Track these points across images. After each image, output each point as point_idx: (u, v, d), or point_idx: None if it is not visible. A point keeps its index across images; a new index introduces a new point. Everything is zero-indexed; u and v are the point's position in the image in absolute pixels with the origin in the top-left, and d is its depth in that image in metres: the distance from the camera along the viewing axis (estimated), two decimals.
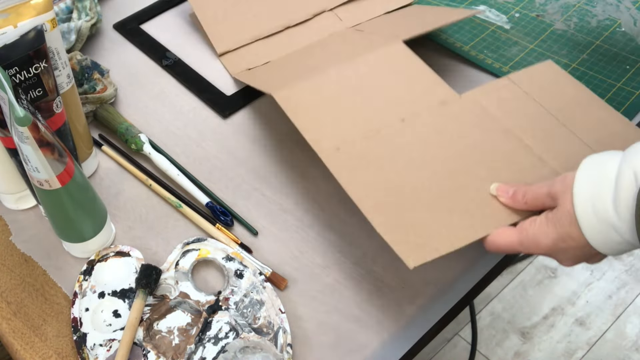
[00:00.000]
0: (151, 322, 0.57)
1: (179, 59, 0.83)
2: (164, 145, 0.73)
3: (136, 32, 0.87)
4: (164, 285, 0.59)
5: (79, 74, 0.75)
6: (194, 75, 0.80)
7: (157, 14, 0.90)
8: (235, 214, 0.66)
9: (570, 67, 0.77)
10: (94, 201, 0.59)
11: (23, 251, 0.64)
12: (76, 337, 0.56)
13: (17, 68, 0.54)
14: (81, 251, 0.62)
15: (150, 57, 0.84)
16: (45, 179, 0.53)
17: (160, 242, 0.64)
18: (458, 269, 0.60)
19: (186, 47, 0.84)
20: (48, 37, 0.57)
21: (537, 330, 1.39)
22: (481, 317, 1.42)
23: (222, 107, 0.76)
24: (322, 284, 0.60)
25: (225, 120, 0.75)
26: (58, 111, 0.59)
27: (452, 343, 1.38)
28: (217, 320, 0.56)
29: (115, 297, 0.58)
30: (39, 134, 0.50)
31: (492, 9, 0.86)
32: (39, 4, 0.56)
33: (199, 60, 0.82)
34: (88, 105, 0.74)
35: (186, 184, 0.67)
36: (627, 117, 0.71)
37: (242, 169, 0.70)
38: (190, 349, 0.55)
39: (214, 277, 0.61)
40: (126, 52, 0.84)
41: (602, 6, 0.85)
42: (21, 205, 0.67)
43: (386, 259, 0.61)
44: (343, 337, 0.56)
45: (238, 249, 0.61)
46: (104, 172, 0.71)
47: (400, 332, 0.57)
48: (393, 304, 0.58)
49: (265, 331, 0.56)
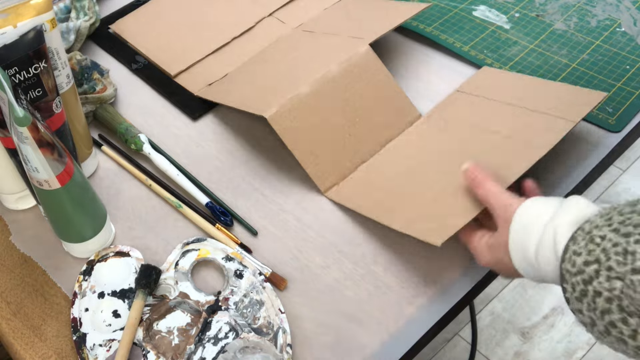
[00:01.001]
0: (151, 322, 0.57)
1: (148, 62, 0.83)
2: (163, 145, 0.73)
3: (105, 36, 0.87)
4: (164, 285, 0.59)
5: (79, 74, 0.75)
6: (164, 78, 0.80)
7: None
8: (235, 214, 0.65)
9: (570, 67, 0.77)
10: (94, 201, 0.59)
11: (23, 251, 0.64)
12: (76, 337, 0.56)
13: (17, 68, 0.54)
14: (81, 251, 0.62)
15: (120, 62, 0.84)
16: (44, 179, 0.53)
17: (160, 242, 0.64)
18: (458, 269, 0.60)
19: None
20: (48, 37, 0.57)
21: (537, 330, 1.39)
22: (481, 317, 1.42)
23: (192, 109, 0.76)
24: (322, 284, 0.60)
25: (194, 121, 0.75)
26: (58, 111, 0.59)
27: (452, 343, 1.38)
28: (217, 321, 0.56)
29: (115, 297, 0.58)
30: (39, 134, 0.50)
31: (492, 9, 0.86)
32: (39, 4, 0.56)
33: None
34: (88, 105, 0.74)
35: (186, 184, 0.67)
36: (627, 117, 0.71)
37: (242, 169, 0.70)
38: (190, 349, 0.54)
39: (214, 277, 0.61)
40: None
41: (602, 6, 0.85)
42: (21, 205, 0.67)
43: (386, 259, 0.61)
44: (343, 337, 0.56)
45: (238, 249, 0.61)
46: (104, 172, 0.71)
47: (400, 332, 0.57)
48: (393, 304, 0.58)
49: (265, 331, 0.56)
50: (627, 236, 0.40)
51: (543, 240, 0.47)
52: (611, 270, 0.40)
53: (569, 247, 0.44)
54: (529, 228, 0.49)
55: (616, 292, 0.40)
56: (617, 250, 0.40)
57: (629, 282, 0.39)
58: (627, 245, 0.40)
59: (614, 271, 0.40)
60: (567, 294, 0.44)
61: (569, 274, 0.44)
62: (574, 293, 0.43)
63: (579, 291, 0.43)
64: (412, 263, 0.61)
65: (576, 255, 0.43)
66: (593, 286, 0.41)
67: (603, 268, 0.41)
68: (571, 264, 0.43)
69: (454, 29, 0.83)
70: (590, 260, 0.42)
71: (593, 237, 0.42)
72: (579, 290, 0.43)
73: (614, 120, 0.71)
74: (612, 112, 0.72)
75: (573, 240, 0.44)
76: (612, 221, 0.42)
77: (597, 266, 0.41)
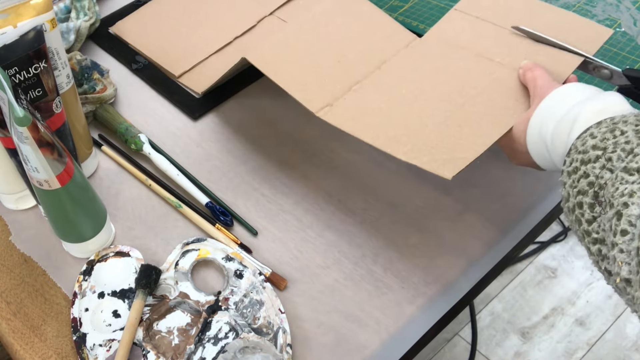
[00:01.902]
0: (151, 322, 0.57)
1: (149, 62, 0.83)
2: (163, 145, 0.73)
3: (105, 37, 0.87)
4: (164, 285, 0.59)
5: (79, 74, 0.75)
6: (164, 78, 0.80)
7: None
8: (235, 214, 0.65)
9: None
10: (94, 201, 0.59)
11: (23, 251, 0.64)
12: (76, 337, 0.56)
13: (17, 68, 0.54)
14: (81, 251, 0.62)
15: (120, 62, 0.83)
16: (44, 179, 0.53)
17: (159, 242, 0.64)
18: (458, 269, 0.60)
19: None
20: (48, 37, 0.57)
21: (537, 330, 1.38)
22: (481, 317, 1.42)
23: (192, 109, 0.76)
24: (322, 284, 0.60)
25: (194, 121, 0.75)
26: (58, 111, 0.59)
27: (452, 343, 1.38)
28: (217, 321, 0.56)
29: (114, 297, 0.58)
30: (39, 134, 0.50)
31: None
32: (39, 4, 0.56)
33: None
34: (88, 105, 0.74)
35: (186, 184, 0.67)
36: None
37: (242, 169, 0.70)
38: (189, 349, 0.54)
39: (214, 277, 0.61)
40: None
41: (602, 6, 0.85)
42: (21, 205, 0.67)
43: (386, 259, 0.61)
44: (343, 337, 0.56)
45: (238, 249, 0.61)
46: (104, 172, 0.71)
47: (400, 332, 0.57)
48: (393, 304, 0.58)
49: (265, 331, 0.56)
50: None
51: (565, 117, 0.48)
52: (609, 162, 0.42)
53: (591, 128, 0.45)
54: (557, 106, 0.50)
55: (601, 180, 0.42)
56: (626, 147, 0.42)
57: (615, 177, 0.41)
58: (636, 146, 0.41)
59: (610, 162, 0.42)
60: (563, 166, 0.46)
61: (575, 149, 0.45)
62: (568, 167, 0.45)
63: (572, 167, 0.45)
64: (412, 263, 0.61)
65: (591, 137, 0.44)
66: (586, 168, 0.43)
67: (604, 157, 0.42)
68: (582, 142, 0.45)
69: None
70: (599, 146, 0.43)
71: (615, 128, 0.43)
72: (573, 166, 0.45)
73: None
74: None
75: (598, 124, 0.45)
76: None
77: (600, 152, 0.43)
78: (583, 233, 0.43)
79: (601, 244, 0.41)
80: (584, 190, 0.43)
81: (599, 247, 0.41)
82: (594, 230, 0.42)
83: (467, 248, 0.62)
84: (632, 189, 0.39)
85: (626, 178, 0.40)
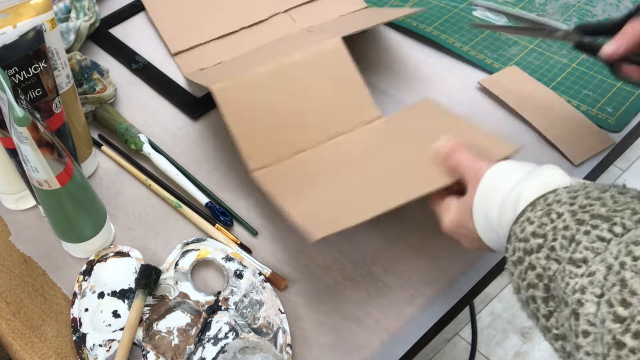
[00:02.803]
0: (151, 322, 0.57)
1: (149, 62, 0.83)
2: (163, 145, 0.73)
3: (105, 37, 0.87)
4: (164, 285, 0.59)
5: (79, 74, 0.75)
6: (164, 78, 0.80)
7: (126, 19, 0.90)
8: (234, 214, 0.65)
9: (570, 67, 0.77)
10: (94, 201, 0.59)
11: (22, 251, 0.63)
12: (75, 338, 0.56)
13: (17, 68, 0.54)
14: (81, 251, 0.62)
15: (120, 62, 0.84)
16: (44, 179, 0.53)
17: (159, 242, 0.64)
18: (458, 269, 0.60)
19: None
20: (47, 37, 0.57)
21: (537, 331, 1.39)
22: (481, 317, 1.42)
23: (192, 109, 0.76)
24: (322, 284, 0.60)
25: (194, 121, 0.75)
26: (57, 111, 0.59)
27: (452, 343, 1.38)
28: (217, 321, 0.56)
29: (114, 297, 0.58)
30: (38, 134, 0.50)
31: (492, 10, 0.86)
32: (39, 4, 0.56)
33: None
34: (87, 105, 0.74)
35: (186, 184, 0.67)
36: (627, 117, 0.71)
37: (241, 169, 0.70)
38: (189, 349, 0.54)
39: (214, 277, 0.61)
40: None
41: (602, 6, 0.85)
42: (21, 205, 0.67)
43: (386, 259, 0.61)
44: (343, 337, 0.56)
45: (237, 249, 0.61)
46: (104, 172, 0.71)
47: (400, 332, 0.57)
48: (393, 304, 0.58)
49: (265, 331, 0.56)
50: (580, 224, 0.39)
51: (507, 200, 0.45)
52: (553, 251, 0.39)
53: (526, 211, 0.43)
54: (496, 187, 0.47)
55: (549, 272, 0.39)
56: (566, 234, 0.39)
57: (562, 269, 0.38)
58: (576, 233, 0.39)
59: (555, 253, 0.39)
60: (507, 254, 0.44)
61: (515, 237, 0.43)
62: (512, 257, 0.43)
63: (516, 257, 0.42)
64: (412, 263, 0.61)
65: (528, 223, 0.42)
66: (531, 258, 0.41)
67: (546, 246, 0.40)
68: (520, 229, 0.42)
69: (454, 29, 0.83)
70: (539, 233, 0.41)
71: (550, 211, 0.41)
72: (517, 256, 0.42)
73: (614, 120, 0.71)
74: (612, 112, 0.72)
75: (532, 206, 0.43)
76: (576, 202, 0.41)
77: (541, 241, 0.40)
78: (543, 329, 0.40)
79: (564, 340, 0.38)
80: (534, 283, 0.40)
81: (562, 343, 0.38)
82: (554, 326, 0.39)
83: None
84: (582, 283, 0.36)
85: (574, 271, 0.37)
